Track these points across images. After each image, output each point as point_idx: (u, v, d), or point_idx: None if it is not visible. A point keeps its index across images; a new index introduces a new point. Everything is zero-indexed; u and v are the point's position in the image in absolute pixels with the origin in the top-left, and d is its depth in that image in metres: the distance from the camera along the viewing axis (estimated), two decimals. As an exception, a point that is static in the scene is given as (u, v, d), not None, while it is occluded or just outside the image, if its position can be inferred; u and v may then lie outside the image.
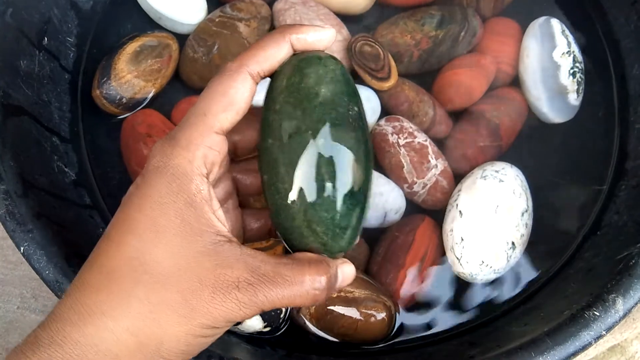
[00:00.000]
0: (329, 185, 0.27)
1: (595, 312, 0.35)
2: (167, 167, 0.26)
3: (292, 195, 0.27)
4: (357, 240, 0.29)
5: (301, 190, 0.27)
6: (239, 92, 0.27)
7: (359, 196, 0.28)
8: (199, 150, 0.26)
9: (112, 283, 0.25)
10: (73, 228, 0.42)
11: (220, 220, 0.26)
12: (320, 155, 0.26)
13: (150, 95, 0.49)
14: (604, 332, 0.34)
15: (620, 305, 0.35)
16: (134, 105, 0.49)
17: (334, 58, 0.29)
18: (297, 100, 0.27)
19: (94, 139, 0.50)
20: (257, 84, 0.28)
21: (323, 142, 0.27)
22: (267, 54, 0.28)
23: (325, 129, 0.27)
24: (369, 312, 0.42)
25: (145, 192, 0.26)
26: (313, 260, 0.27)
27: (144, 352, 0.25)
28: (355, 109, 0.28)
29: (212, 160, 0.26)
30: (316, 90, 0.27)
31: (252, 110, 0.31)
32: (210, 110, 0.26)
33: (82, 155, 0.49)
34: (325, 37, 0.29)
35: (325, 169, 0.26)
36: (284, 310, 0.42)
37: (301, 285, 0.26)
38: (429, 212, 0.47)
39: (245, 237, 0.32)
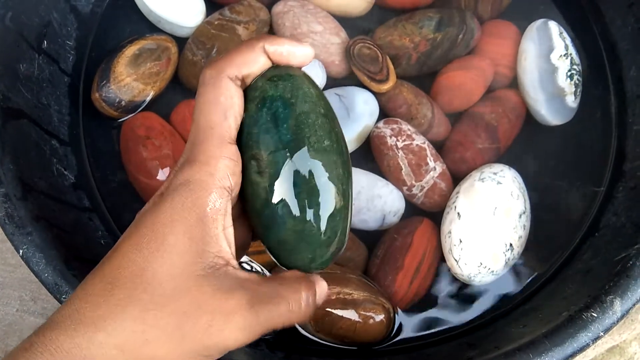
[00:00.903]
0: (310, 205, 0.27)
1: (593, 314, 0.35)
2: (187, 184, 0.25)
3: (276, 214, 0.27)
4: (342, 251, 0.29)
5: (284, 208, 0.27)
6: (228, 97, 0.26)
7: (340, 214, 0.28)
8: (220, 162, 0.25)
9: (111, 297, 0.24)
10: (72, 231, 0.42)
11: (227, 238, 0.26)
12: (299, 175, 0.26)
13: (149, 98, 0.49)
14: (601, 334, 0.34)
15: (618, 306, 0.35)
16: (133, 108, 0.49)
17: (307, 75, 0.29)
18: (271, 116, 0.27)
19: (93, 141, 0.50)
20: (241, 88, 0.27)
21: (300, 163, 0.26)
22: (243, 59, 0.27)
23: (303, 149, 0.26)
24: (368, 314, 0.42)
25: (160, 209, 0.25)
26: (302, 278, 0.27)
27: None
28: (330, 124, 0.28)
29: (234, 170, 0.26)
30: (290, 107, 0.27)
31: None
32: (215, 122, 0.26)
33: (82, 158, 0.49)
34: (300, 53, 0.28)
35: (306, 189, 0.26)
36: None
37: (297, 302, 0.26)
38: (427, 214, 0.47)
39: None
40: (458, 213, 0.44)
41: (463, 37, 0.49)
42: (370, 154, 0.48)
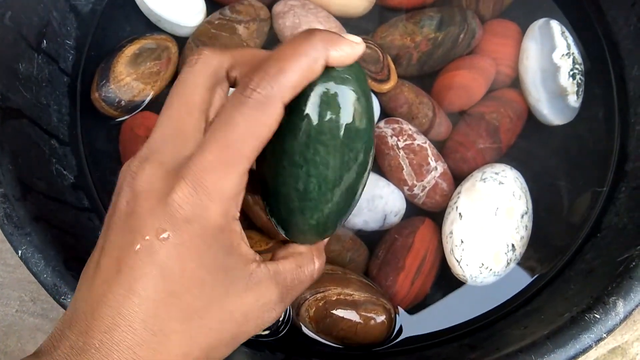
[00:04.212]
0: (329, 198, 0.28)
1: (596, 315, 0.34)
2: (199, 220, 0.23)
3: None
4: (337, 230, 0.31)
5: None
6: (272, 129, 0.23)
7: (348, 207, 0.29)
8: (233, 199, 0.24)
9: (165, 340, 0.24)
10: (71, 231, 0.42)
11: (247, 244, 0.26)
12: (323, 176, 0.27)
13: (149, 97, 0.49)
14: (604, 335, 0.34)
15: (621, 307, 0.34)
16: (132, 108, 0.49)
17: (364, 74, 0.26)
18: (324, 139, 0.25)
19: (93, 141, 0.50)
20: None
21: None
22: (302, 78, 0.23)
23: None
24: (369, 315, 0.42)
25: (183, 245, 0.23)
26: (313, 249, 0.30)
27: None
28: (371, 130, 0.28)
29: (242, 198, 0.25)
30: (345, 124, 0.25)
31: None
32: (244, 154, 0.23)
33: (81, 158, 0.49)
34: (358, 52, 0.25)
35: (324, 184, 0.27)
36: (283, 314, 0.42)
37: (311, 276, 0.29)
38: (429, 214, 0.47)
39: None
40: (459, 213, 0.43)
41: (464, 37, 0.49)
42: (371, 154, 0.48)
